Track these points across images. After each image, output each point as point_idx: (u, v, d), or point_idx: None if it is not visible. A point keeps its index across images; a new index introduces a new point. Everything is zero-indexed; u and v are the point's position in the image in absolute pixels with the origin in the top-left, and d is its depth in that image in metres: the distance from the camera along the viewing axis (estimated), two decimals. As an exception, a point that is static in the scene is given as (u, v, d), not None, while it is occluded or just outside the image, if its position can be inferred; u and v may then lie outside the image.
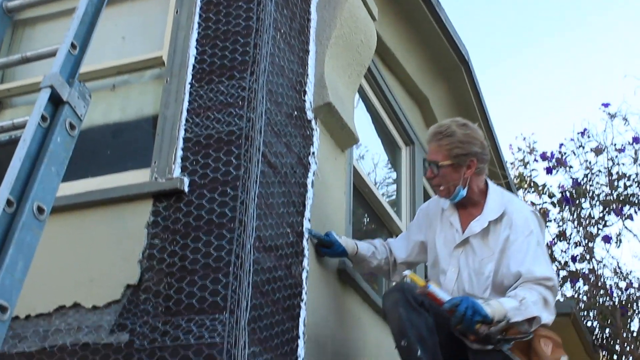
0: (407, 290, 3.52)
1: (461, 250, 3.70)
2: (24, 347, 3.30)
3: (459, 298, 3.31)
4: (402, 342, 3.42)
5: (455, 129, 3.69)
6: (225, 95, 3.51)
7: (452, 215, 3.80)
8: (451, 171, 3.66)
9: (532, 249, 3.59)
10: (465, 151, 3.65)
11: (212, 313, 3.06)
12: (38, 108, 2.47)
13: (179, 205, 3.33)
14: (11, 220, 2.26)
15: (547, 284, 3.49)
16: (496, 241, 3.62)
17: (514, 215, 3.65)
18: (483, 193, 3.77)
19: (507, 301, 3.38)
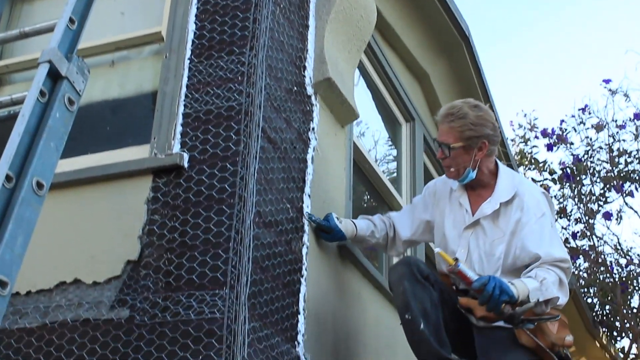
0: (413, 264, 3.52)
1: (471, 232, 3.70)
2: (24, 323, 3.31)
3: (486, 277, 3.30)
4: (406, 315, 3.42)
5: (468, 111, 3.66)
6: (224, 71, 3.50)
7: (461, 196, 3.79)
8: (462, 153, 3.65)
9: (548, 231, 3.61)
10: (477, 133, 3.63)
11: (212, 289, 3.07)
12: (36, 83, 2.46)
13: (178, 181, 3.33)
14: (10, 196, 2.26)
15: (564, 266, 3.50)
16: (507, 223, 3.62)
17: (525, 197, 3.65)
18: (493, 174, 3.76)
19: (529, 281, 3.38)
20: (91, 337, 3.17)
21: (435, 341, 3.36)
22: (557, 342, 3.42)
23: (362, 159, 4.96)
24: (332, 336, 3.85)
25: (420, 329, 3.37)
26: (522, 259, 3.55)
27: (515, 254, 3.57)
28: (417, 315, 3.39)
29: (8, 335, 3.30)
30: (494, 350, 3.51)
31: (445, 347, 3.39)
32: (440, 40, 6.32)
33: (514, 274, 3.55)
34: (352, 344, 4.06)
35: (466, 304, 3.51)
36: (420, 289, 3.46)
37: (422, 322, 3.37)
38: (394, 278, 3.54)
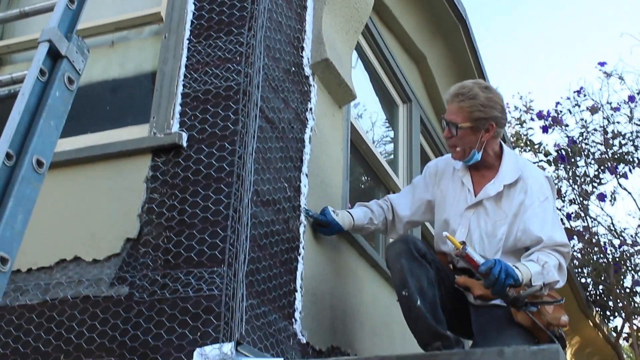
0: (411, 242, 3.52)
1: (472, 212, 3.69)
2: (25, 299, 3.32)
3: (492, 261, 3.30)
4: (403, 292, 3.42)
5: (478, 92, 3.62)
6: (223, 51, 3.49)
7: (464, 176, 3.78)
8: (469, 133, 3.62)
9: (550, 215, 3.62)
10: (486, 115, 3.60)
11: (210, 266, 3.07)
12: (36, 62, 2.46)
13: (177, 160, 3.33)
14: (11, 174, 2.26)
15: (564, 250, 3.52)
16: (510, 205, 3.62)
17: (529, 180, 3.64)
18: (498, 156, 3.75)
19: (532, 265, 3.40)
20: (91, 314, 3.18)
21: (432, 318, 3.37)
22: (553, 322, 3.43)
23: (359, 139, 4.96)
24: (329, 314, 3.85)
25: (417, 306, 3.37)
26: (523, 241, 3.56)
27: (516, 236, 3.57)
28: (413, 292, 3.39)
29: (9, 312, 3.31)
30: (490, 328, 3.52)
31: (441, 324, 3.40)
32: (438, 22, 6.30)
33: (514, 255, 3.56)
34: (349, 322, 4.07)
35: (464, 283, 3.51)
36: (417, 266, 3.46)
37: (418, 299, 3.38)
38: (391, 255, 3.54)
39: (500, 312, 3.49)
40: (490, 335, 3.47)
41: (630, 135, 10.14)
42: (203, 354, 2.92)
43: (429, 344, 3.35)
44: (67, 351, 3.15)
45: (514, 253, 3.58)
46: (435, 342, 3.33)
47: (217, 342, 2.92)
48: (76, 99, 2.56)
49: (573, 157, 10.30)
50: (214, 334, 2.95)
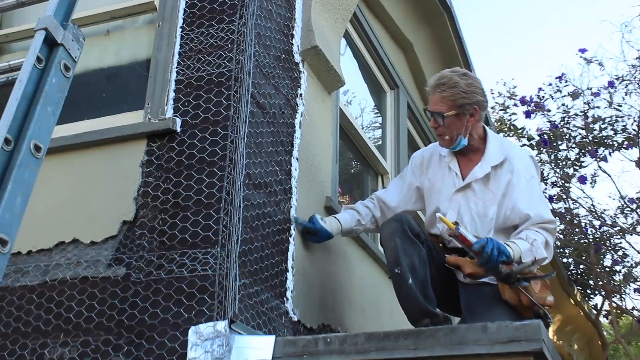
0: (405, 221, 3.51)
1: (461, 195, 3.68)
2: (26, 280, 3.32)
3: (484, 239, 3.31)
4: (395, 270, 3.42)
5: (458, 80, 3.62)
6: (215, 39, 3.48)
7: (451, 161, 3.76)
8: (455, 120, 3.62)
9: (537, 193, 3.64)
10: (469, 100, 3.60)
11: (204, 247, 3.07)
12: (33, 50, 2.45)
13: (171, 145, 3.33)
14: (9, 158, 2.26)
15: (550, 227, 3.54)
16: (498, 185, 3.62)
17: (515, 160, 3.65)
18: (482, 139, 3.74)
19: (521, 243, 3.41)
20: (89, 294, 3.18)
21: (422, 296, 3.38)
22: (539, 301, 3.44)
23: (348, 124, 4.95)
24: (320, 292, 3.86)
25: (409, 284, 3.38)
26: (512, 219, 3.57)
27: (505, 214, 3.58)
28: (406, 271, 3.39)
29: (10, 293, 3.31)
30: (478, 305, 3.53)
31: (431, 302, 3.41)
32: (423, 10, 6.29)
33: (503, 233, 3.58)
34: (339, 300, 4.08)
35: (454, 262, 3.52)
36: (410, 245, 3.46)
37: (410, 277, 3.38)
38: (386, 233, 3.53)
39: (488, 290, 3.50)
40: (478, 312, 3.48)
41: (610, 119, 10.16)
42: (198, 332, 2.93)
43: (418, 321, 3.36)
44: (67, 330, 3.15)
45: (504, 231, 3.59)
46: (424, 319, 3.34)
47: (211, 320, 2.93)
48: (73, 86, 2.55)
49: (555, 141, 10.31)
50: (208, 313, 2.95)
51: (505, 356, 2.64)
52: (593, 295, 11.55)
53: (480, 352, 2.65)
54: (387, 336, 2.79)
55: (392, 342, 2.77)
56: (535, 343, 2.60)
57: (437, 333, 2.75)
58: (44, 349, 3.16)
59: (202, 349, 2.90)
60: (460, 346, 2.69)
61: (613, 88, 10.20)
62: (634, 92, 10.03)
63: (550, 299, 3.49)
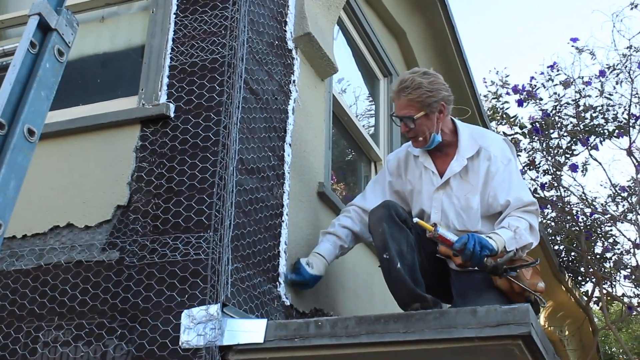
0: (392, 208, 3.51)
1: (442, 192, 3.67)
2: (21, 264, 3.32)
3: (465, 237, 3.30)
4: (384, 255, 3.43)
5: (421, 80, 3.58)
6: (208, 25, 3.47)
7: (425, 160, 3.74)
8: (426, 120, 3.58)
9: (515, 177, 3.63)
10: (436, 98, 3.57)
11: (197, 231, 3.08)
12: (27, 35, 2.45)
13: (165, 130, 3.33)
14: (3, 142, 2.26)
15: (532, 209, 3.53)
16: (476, 175, 3.61)
17: (490, 148, 3.63)
18: (453, 132, 3.72)
19: (504, 232, 3.41)
20: (83, 278, 3.19)
21: (410, 280, 3.38)
22: (530, 288, 3.44)
23: (341, 111, 4.95)
24: (312, 277, 3.86)
25: (397, 268, 3.38)
26: (494, 206, 3.56)
27: (488, 202, 3.57)
28: (394, 256, 3.40)
29: (5, 276, 3.32)
30: (470, 291, 3.52)
31: (420, 286, 3.41)
32: (416, -1, 6.28)
33: (489, 221, 3.58)
34: (332, 285, 4.08)
35: (445, 252, 3.52)
36: (398, 231, 3.46)
37: (398, 262, 3.38)
38: (373, 220, 3.53)
39: (480, 276, 3.50)
40: (469, 298, 3.48)
41: (601, 108, 10.13)
42: (190, 316, 2.93)
43: (408, 305, 3.36)
44: (61, 313, 3.16)
45: (489, 219, 3.59)
46: (414, 303, 3.34)
47: (204, 304, 2.93)
48: (68, 72, 2.55)
49: (547, 130, 10.29)
50: (200, 296, 2.96)
51: (495, 339, 2.66)
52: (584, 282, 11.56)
53: (469, 335, 2.67)
54: (377, 320, 2.80)
55: (383, 325, 2.77)
56: (524, 327, 2.61)
57: (427, 317, 2.76)
58: (38, 332, 3.16)
59: (195, 332, 2.90)
60: (449, 330, 2.70)
61: (604, 77, 10.18)
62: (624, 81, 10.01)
63: (541, 285, 3.50)
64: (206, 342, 2.86)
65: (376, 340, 2.77)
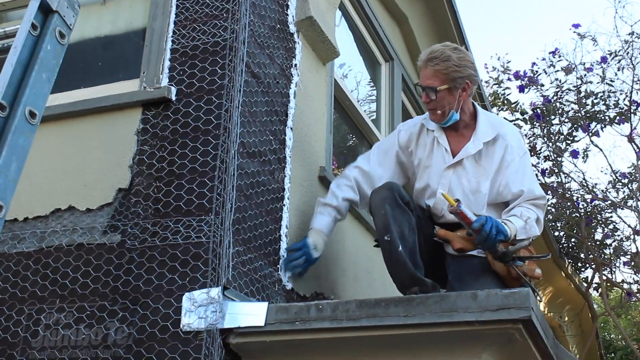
0: (395, 189, 3.49)
1: (452, 171, 3.66)
2: (22, 247, 3.32)
3: (484, 218, 3.29)
4: (385, 237, 3.41)
5: (450, 53, 3.57)
6: (210, 8, 3.46)
7: (440, 136, 3.71)
8: (447, 94, 3.57)
9: (529, 169, 3.64)
10: (461, 74, 3.55)
11: (198, 214, 3.07)
12: (28, 16, 2.44)
13: (166, 113, 3.32)
14: (4, 124, 2.25)
15: (541, 203, 3.54)
16: (490, 161, 3.60)
17: (507, 136, 3.63)
18: (473, 116, 3.71)
19: (516, 220, 3.42)
20: (85, 261, 3.19)
21: (411, 263, 3.37)
22: (528, 273, 3.44)
23: (342, 96, 4.93)
24: (313, 261, 3.86)
25: (398, 251, 3.37)
26: (504, 195, 3.56)
27: (498, 190, 3.57)
28: (395, 238, 3.38)
29: (7, 259, 3.32)
30: (467, 275, 3.53)
31: (419, 269, 3.41)
32: (419, -17, 6.26)
33: (494, 209, 3.59)
34: (332, 269, 4.08)
35: (444, 236, 3.52)
36: (400, 213, 3.44)
37: (400, 245, 3.37)
38: (376, 200, 3.50)
39: (477, 261, 3.51)
40: (467, 282, 3.47)
41: (602, 94, 10.11)
42: (191, 299, 2.93)
43: (407, 288, 3.36)
44: (63, 296, 3.16)
45: (495, 206, 3.59)
46: (413, 287, 3.34)
47: (205, 287, 2.93)
48: (69, 55, 2.54)
49: (548, 116, 10.28)
50: (202, 280, 2.96)
51: (495, 323, 2.66)
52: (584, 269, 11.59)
53: (470, 319, 2.66)
54: (378, 303, 2.79)
55: (383, 309, 2.77)
56: (524, 311, 2.61)
57: (428, 300, 2.76)
58: (40, 314, 3.16)
59: (196, 315, 2.90)
60: (450, 313, 2.70)
61: (606, 63, 10.16)
62: (626, 67, 9.99)
63: (538, 272, 3.50)
64: (207, 324, 2.87)
65: (377, 323, 2.76)
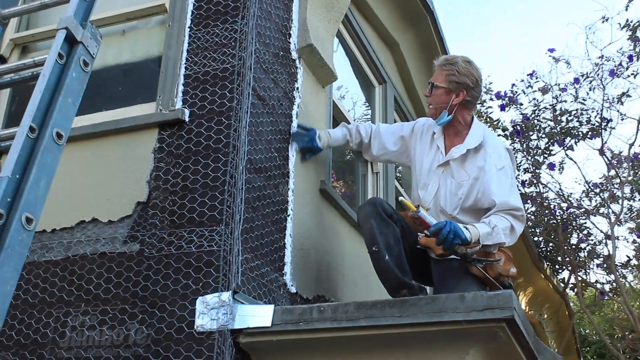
0: (379, 204, 3.51)
1: (442, 170, 3.68)
2: (51, 256, 3.32)
3: (443, 222, 3.31)
4: (373, 248, 3.43)
5: (459, 61, 3.67)
6: (219, 37, 3.46)
7: (439, 138, 3.77)
8: (442, 94, 3.65)
9: (508, 182, 3.58)
10: (459, 80, 3.62)
11: (210, 225, 3.07)
12: (55, 47, 2.45)
13: (181, 133, 3.32)
14: (34, 145, 2.26)
15: (517, 214, 3.50)
16: (472, 168, 3.60)
17: (489, 149, 3.62)
18: (467, 126, 3.72)
19: (482, 227, 3.41)
20: (107, 268, 3.18)
21: (398, 269, 3.38)
22: (503, 273, 3.44)
23: (340, 115, 4.93)
24: (315, 267, 3.86)
25: (385, 260, 3.38)
26: (482, 202, 3.55)
27: (477, 197, 3.56)
28: (382, 249, 3.40)
29: (37, 267, 3.31)
30: (449, 277, 3.52)
31: (406, 275, 3.41)
32: (408, 13, 6.25)
33: (474, 213, 3.57)
34: (333, 274, 4.08)
35: (425, 244, 3.54)
36: (385, 226, 3.46)
37: (386, 254, 3.39)
38: (362, 216, 3.53)
39: (457, 263, 3.49)
40: (449, 283, 3.47)
41: (576, 112, 10.11)
42: (204, 302, 2.93)
43: (396, 291, 3.37)
44: (87, 300, 3.15)
45: (475, 212, 3.57)
46: (402, 290, 3.35)
47: (217, 291, 2.93)
48: (92, 81, 2.54)
49: (527, 132, 10.27)
50: (213, 284, 2.95)
51: (481, 322, 2.65)
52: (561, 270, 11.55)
53: (458, 319, 2.66)
54: (374, 305, 2.79)
55: (380, 310, 2.77)
56: (507, 310, 2.61)
57: (420, 302, 2.76)
58: (67, 317, 3.16)
59: (209, 317, 2.90)
60: (440, 314, 2.69)
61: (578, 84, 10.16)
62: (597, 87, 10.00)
63: (513, 271, 3.50)
64: (219, 326, 2.86)
65: (374, 323, 2.76)
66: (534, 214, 10.93)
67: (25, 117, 2.27)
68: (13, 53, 4.15)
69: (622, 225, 10.56)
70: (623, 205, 10.01)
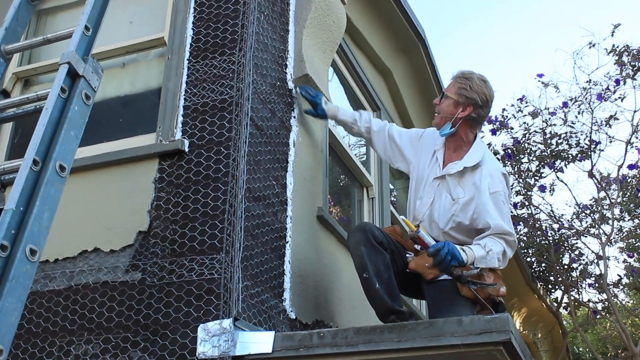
0: (369, 231, 3.48)
1: (438, 183, 3.65)
2: (54, 285, 3.30)
3: (441, 244, 3.27)
4: (363, 275, 3.41)
5: (474, 77, 3.66)
6: (218, 69, 3.47)
7: (439, 151, 3.75)
8: (451, 104, 3.64)
9: (501, 207, 3.53)
10: (468, 95, 3.60)
11: (210, 253, 3.06)
12: (58, 81, 2.46)
13: (180, 163, 3.32)
14: (37, 177, 2.27)
15: (509, 239, 3.47)
16: (469, 187, 3.56)
17: (484, 172, 3.57)
18: (469, 144, 3.69)
19: (478, 249, 3.37)
20: (109, 297, 3.17)
21: (388, 296, 3.36)
22: (493, 292, 3.42)
23: (336, 143, 4.94)
24: (313, 292, 3.84)
25: (376, 287, 3.36)
26: (477, 222, 3.51)
27: (472, 217, 3.51)
28: (372, 276, 3.38)
29: (40, 296, 3.29)
30: (441, 298, 3.47)
31: (396, 301, 3.39)
32: (400, 42, 6.29)
33: (467, 232, 3.54)
34: (331, 299, 4.06)
35: (414, 269, 3.51)
36: (375, 253, 3.43)
37: (376, 282, 3.36)
38: (352, 243, 3.50)
39: (449, 284, 3.45)
40: (442, 305, 3.44)
41: (565, 135, 10.14)
42: (206, 329, 2.91)
43: (385, 317, 3.36)
44: (90, 329, 3.13)
45: (467, 230, 3.55)
46: (391, 316, 3.33)
47: (218, 318, 2.91)
48: (93, 112, 2.55)
49: (518, 155, 10.29)
50: (214, 312, 2.94)
51: (479, 346, 2.64)
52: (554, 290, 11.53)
53: (456, 342, 2.64)
54: (373, 330, 2.78)
55: (378, 335, 2.75)
56: (504, 334, 2.59)
57: (418, 327, 2.74)
58: (70, 345, 3.13)
59: (210, 344, 2.88)
60: (438, 338, 2.68)
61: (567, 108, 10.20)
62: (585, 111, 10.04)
63: (503, 290, 3.47)
64: (220, 353, 2.84)
65: (373, 348, 2.74)
66: (526, 235, 10.93)
67: (28, 150, 2.27)
68: (16, 86, 4.16)
69: (612, 246, 10.57)
70: (613, 226, 10.00)
